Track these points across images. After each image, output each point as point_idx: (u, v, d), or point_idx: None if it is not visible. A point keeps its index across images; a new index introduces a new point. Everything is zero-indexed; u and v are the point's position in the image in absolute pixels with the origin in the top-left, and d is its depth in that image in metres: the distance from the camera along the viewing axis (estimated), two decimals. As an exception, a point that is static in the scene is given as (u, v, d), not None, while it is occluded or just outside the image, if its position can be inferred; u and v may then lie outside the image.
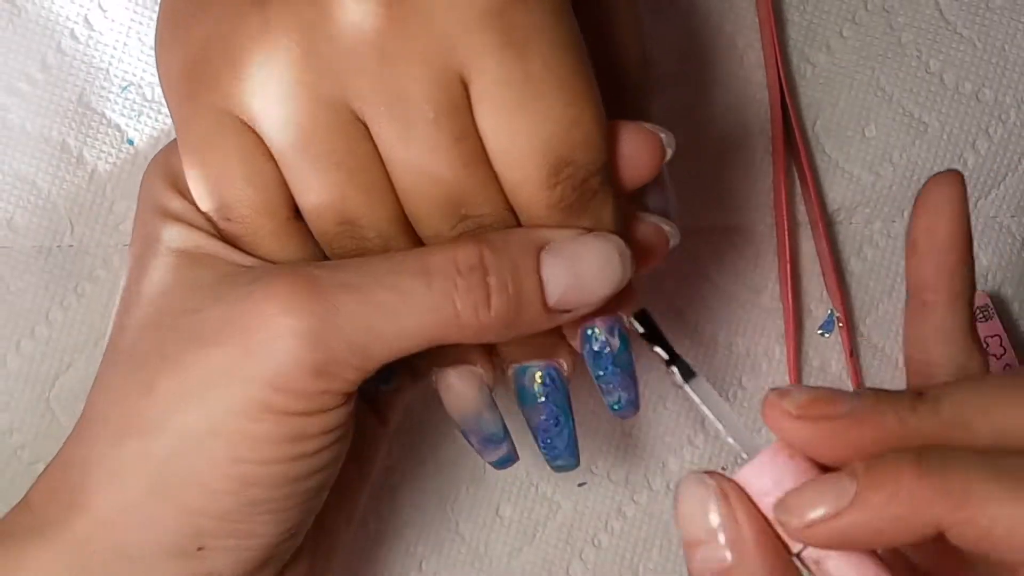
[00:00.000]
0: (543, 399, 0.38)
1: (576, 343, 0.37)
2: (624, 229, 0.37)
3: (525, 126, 0.33)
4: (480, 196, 0.34)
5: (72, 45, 0.46)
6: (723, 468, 0.49)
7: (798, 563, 0.31)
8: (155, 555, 0.35)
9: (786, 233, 0.50)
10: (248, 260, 0.36)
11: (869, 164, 0.50)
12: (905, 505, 0.28)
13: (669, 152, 0.37)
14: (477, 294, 0.34)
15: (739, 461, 0.33)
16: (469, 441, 0.39)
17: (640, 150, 0.36)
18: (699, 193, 0.50)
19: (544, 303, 0.35)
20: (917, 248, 0.36)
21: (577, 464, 0.39)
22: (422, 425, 0.48)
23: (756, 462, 0.31)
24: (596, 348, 0.37)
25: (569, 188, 0.34)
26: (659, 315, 0.49)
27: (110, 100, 0.46)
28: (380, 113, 0.33)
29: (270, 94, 0.33)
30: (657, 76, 0.42)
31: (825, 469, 0.31)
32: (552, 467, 0.39)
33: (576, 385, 0.38)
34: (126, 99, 0.46)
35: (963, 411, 0.30)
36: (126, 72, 0.46)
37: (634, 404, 0.38)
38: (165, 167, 0.38)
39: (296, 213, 0.35)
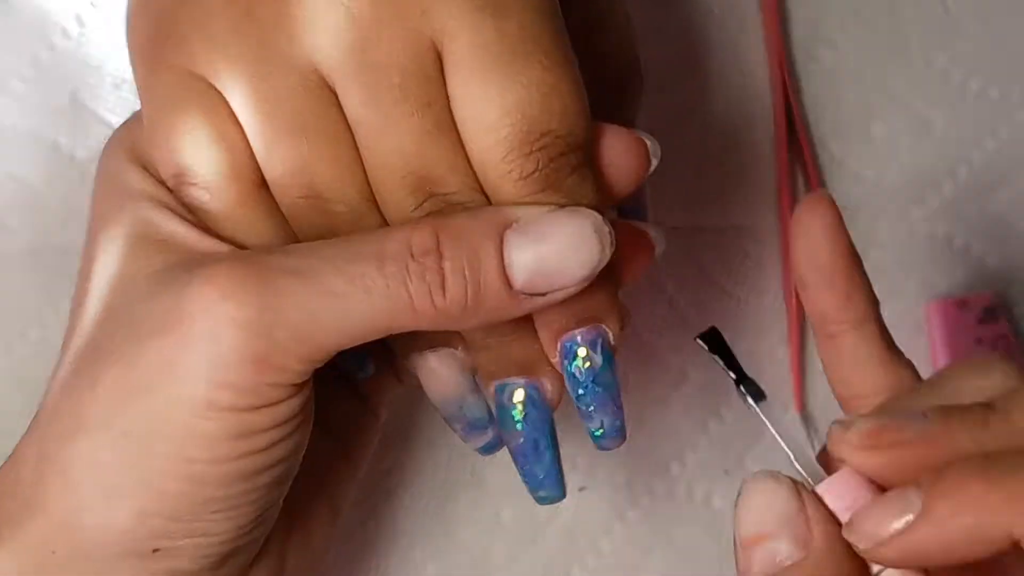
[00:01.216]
0: (521, 420, 0.36)
1: (556, 360, 0.36)
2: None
3: (497, 88, 0.32)
4: (445, 169, 0.33)
5: (64, 43, 0.46)
6: (725, 471, 0.49)
7: None
8: (112, 557, 0.33)
9: (790, 233, 0.49)
10: (206, 244, 0.34)
11: (874, 163, 0.50)
12: (974, 515, 0.28)
13: (654, 161, 0.35)
14: (432, 279, 0.32)
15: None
16: (452, 427, 0.37)
17: (625, 156, 0.35)
18: (701, 192, 0.50)
19: (508, 287, 0.33)
20: (806, 284, 0.35)
21: (562, 496, 0.37)
22: (420, 427, 0.48)
23: (827, 483, 0.31)
24: (576, 364, 0.35)
25: (545, 159, 0.32)
26: (660, 316, 0.49)
27: (102, 98, 0.46)
28: (347, 79, 0.32)
29: (236, 55, 0.33)
30: (646, 84, 0.41)
31: None
32: (535, 498, 0.37)
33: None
34: (119, 97, 0.46)
35: None
36: (118, 70, 0.46)
37: (619, 432, 0.36)
38: (127, 141, 0.36)
39: (264, 181, 0.34)
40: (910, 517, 0.28)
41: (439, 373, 0.37)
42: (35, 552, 0.34)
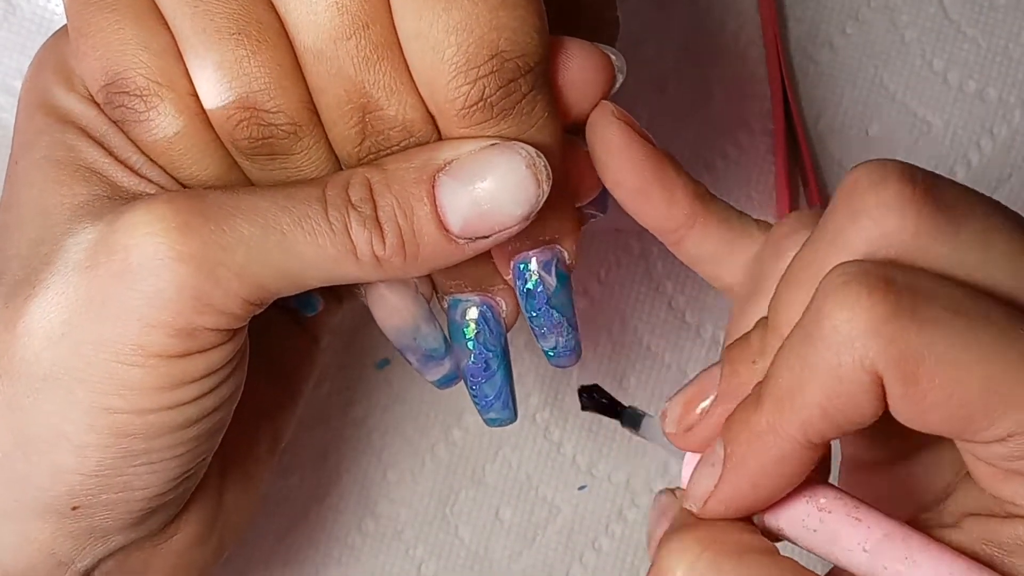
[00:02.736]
0: (472, 338, 0.34)
1: (509, 278, 0.34)
2: (557, 154, 0.32)
3: (444, 5, 0.30)
4: (384, 94, 0.31)
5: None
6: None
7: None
8: (27, 515, 0.32)
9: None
10: (133, 182, 0.32)
11: (872, 163, 0.50)
12: (762, 447, 0.28)
13: (620, 77, 0.33)
14: (371, 227, 0.31)
15: None
16: (406, 359, 0.36)
17: (588, 72, 0.33)
18: (700, 193, 0.49)
19: (446, 232, 0.31)
20: (628, 208, 0.34)
21: (513, 418, 0.36)
22: (420, 423, 0.48)
23: (684, 469, 0.32)
24: (529, 286, 0.34)
25: (492, 87, 0.30)
26: (660, 317, 0.49)
27: (105, 99, 0.46)
28: None
29: None
30: (646, 83, 0.40)
31: None
32: (484, 419, 0.36)
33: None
34: (122, 98, 0.46)
35: (795, 320, 0.28)
36: (122, 71, 0.46)
37: (573, 351, 0.35)
38: (53, 56, 0.34)
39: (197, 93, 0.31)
40: (719, 470, 0.29)
41: (390, 301, 0.34)
42: None
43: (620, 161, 0.33)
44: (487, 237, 0.32)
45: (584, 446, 0.48)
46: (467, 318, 0.34)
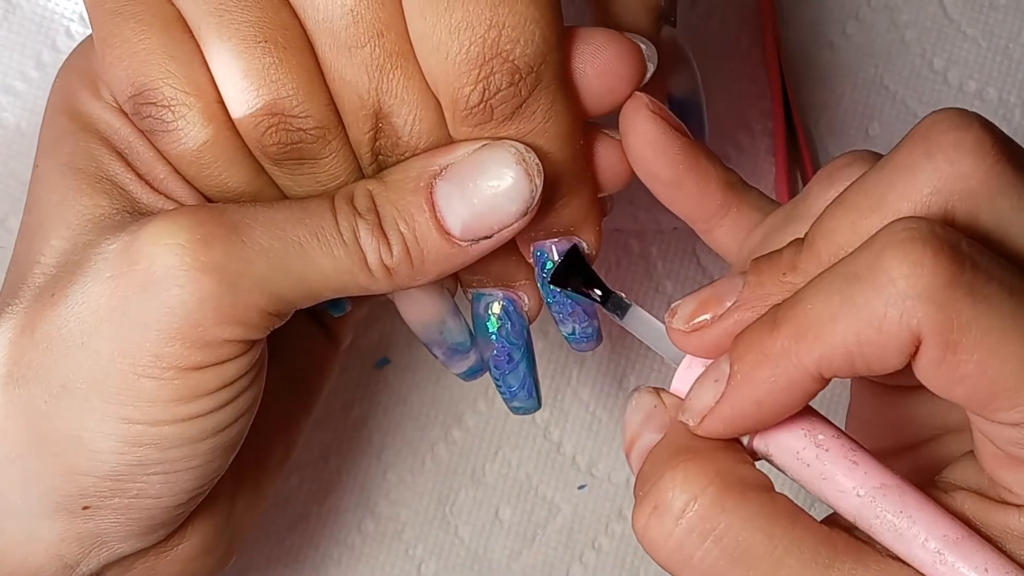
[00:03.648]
0: (495, 332, 0.35)
1: (531, 262, 0.34)
2: (569, 147, 0.32)
3: (446, 4, 0.30)
4: (395, 102, 0.31)
5: (67, 43, 0.46)
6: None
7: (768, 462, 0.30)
8: (38, 512, 0.32)
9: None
10: (152, 198, 0.32)
11: (872, 163, 0.50)
12: (770, 365, 0.28)
13: (650, 68, 0.33)
14: (379, 238, 0.31)
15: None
16: (433, 353, 0.36)
17: (614, 61, 0.32)
18: (701, 192, 0.49)
19: (447, 236, 0.31)
20: (663, 199, 0.34)
21: (537, 407, 0.36)
22: (420, 423, 0.48)
23: (677, 375, 0.31)
24: (546, 272, 0.34)
25: (492, 90, 0.30)
26: (660, 318, 0.49)
27: (105, 99, 0.46)
28: (304, 2, 0.31)
29: None
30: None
31: None
32: (509, 407, 0.36)
33: (571, 360, 0.38)
34: (122, 97, 0.46)
35: (839, 242, 0.28)
36: (121, 70, 0.46)
37: (591, 337, 0.35)
38: (81, 64, 0.34)
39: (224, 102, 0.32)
40: (721, 387, 0.28)
41: (416, 296, 0.35)
42: None
43: (654, 154, 0.33)
44: (489, 237, 0.32)
45: (584, 446, 0.48)
46: (490, 312, 0.35)
